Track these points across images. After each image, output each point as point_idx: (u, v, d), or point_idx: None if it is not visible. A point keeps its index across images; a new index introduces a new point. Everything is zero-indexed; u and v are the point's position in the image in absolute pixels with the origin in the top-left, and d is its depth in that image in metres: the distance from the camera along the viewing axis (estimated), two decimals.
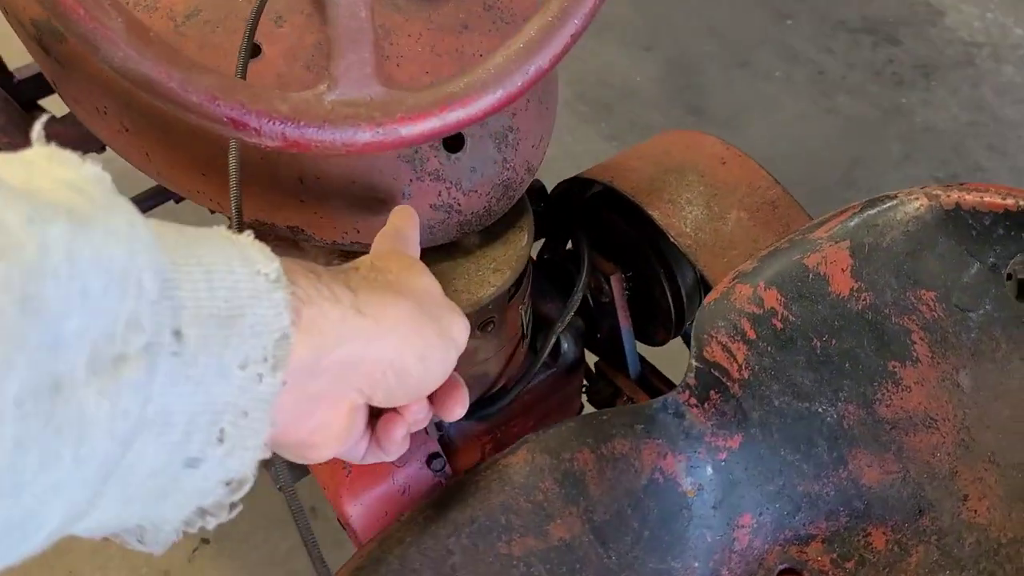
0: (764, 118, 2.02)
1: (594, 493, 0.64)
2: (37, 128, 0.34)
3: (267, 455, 0.40)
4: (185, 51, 0.70)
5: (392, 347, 0.47)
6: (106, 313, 0.30)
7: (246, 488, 0.39)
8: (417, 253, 0.60)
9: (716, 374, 0.63)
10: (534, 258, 1.06)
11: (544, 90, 0.81)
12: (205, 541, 1.41)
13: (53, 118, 1.10)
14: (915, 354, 0.65)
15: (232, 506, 0.39)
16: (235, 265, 0.38)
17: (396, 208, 0.62)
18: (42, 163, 0.33)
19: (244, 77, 0.63)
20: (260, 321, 0.38)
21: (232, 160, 0.61)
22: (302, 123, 0.53)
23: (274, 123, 0.53)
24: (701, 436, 0.62)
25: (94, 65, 0.68)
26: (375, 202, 0.74)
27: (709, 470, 0.62)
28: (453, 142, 0.74)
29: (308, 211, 0.74)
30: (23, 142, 0.99)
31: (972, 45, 2.11)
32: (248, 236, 0.41)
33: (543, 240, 1.08)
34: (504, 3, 0.76)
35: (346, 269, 0.51)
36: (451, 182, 0.75)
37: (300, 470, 0.94)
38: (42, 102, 1.20)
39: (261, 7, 0.64)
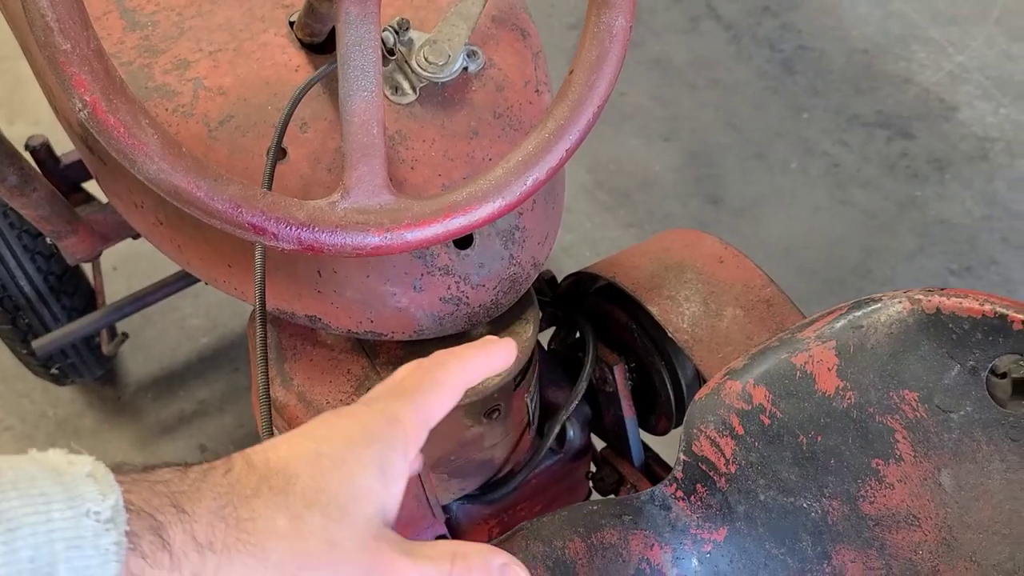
0: (780, 209, 2.06)
1: None
2: None
3: None
4: (217, 154, 0.76)
5: None
6: None
7: None
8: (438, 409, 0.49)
9: (704, 468, 0.66)
10: (544, 346, 1.10)
11: (550, 191, 0.86)
12: None
13: (97, 205, 1.18)
14: (898, 452, 0.67)
15: None
16: (54, 511, 0.33)
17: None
18: None
19: (271, 181, 0.69)
20: (79, 571, 0.34)
21: (257, 258, 0.66)
22: (316, 229, 0.58)
23: (291, 229, 0.58)
24: (687, 528, 0.65)
25: None
26: (388, 295, 0.79)
27: (694, 561, 0.64)
28: (462, 240, 0.79)
29: (325, 301, 0.79)
30: (64, 230, 1.06)
31: (986, 140, 2.15)
32: (87, 461, 0.36)
33: (552, 328, 1.12)
34: (513, 111, 0.82)
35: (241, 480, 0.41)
36: (460, 277, 0.79)
37: None
38: (86, 185, 1.28)
39: (287, 120, 0.70)
